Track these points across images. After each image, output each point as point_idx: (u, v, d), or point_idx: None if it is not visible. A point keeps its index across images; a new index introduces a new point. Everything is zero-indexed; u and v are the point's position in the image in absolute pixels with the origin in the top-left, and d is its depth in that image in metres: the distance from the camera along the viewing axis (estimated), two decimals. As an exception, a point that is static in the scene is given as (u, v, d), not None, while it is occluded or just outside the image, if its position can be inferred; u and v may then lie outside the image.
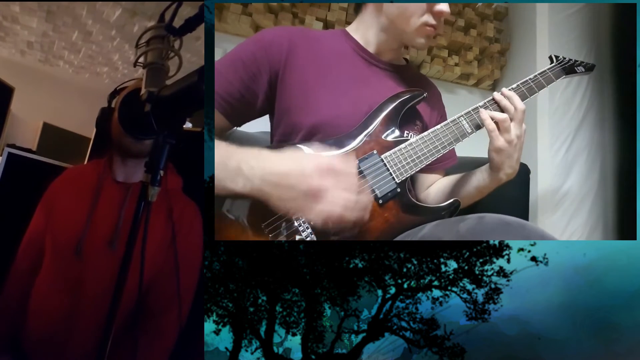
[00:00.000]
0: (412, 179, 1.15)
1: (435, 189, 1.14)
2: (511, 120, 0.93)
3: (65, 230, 0.96)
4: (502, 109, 0.95)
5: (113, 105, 1.02)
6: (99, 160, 1.07)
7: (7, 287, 1.00)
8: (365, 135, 0.94)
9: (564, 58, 1.13)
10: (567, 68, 1.12)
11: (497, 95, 0.97)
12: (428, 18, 0.98)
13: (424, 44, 1.02)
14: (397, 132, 0.96)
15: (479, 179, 1.02)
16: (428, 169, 1.02)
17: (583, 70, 1.15)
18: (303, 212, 0.74)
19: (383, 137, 0.95)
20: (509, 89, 1.01)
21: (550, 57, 1.13)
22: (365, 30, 1.07)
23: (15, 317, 0.98)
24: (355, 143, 0.93)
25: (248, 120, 1.03)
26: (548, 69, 1.09)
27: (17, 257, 1.02)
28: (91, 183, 1.00)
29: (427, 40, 1.02)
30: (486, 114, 0.94)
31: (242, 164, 0.78)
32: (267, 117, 1.07)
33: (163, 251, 0.97)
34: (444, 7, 0.97)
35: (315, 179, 0.72)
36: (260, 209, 0.83)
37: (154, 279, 0.96)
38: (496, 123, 0.93)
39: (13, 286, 1.00)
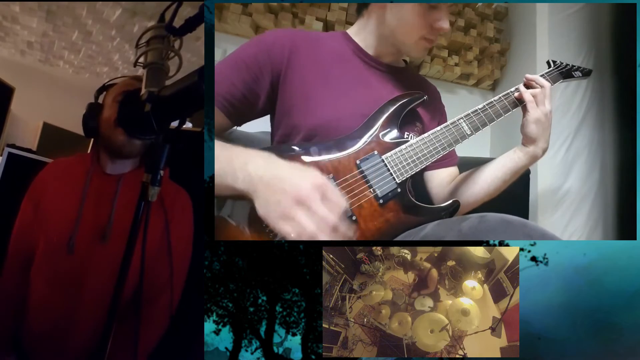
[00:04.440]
0: (427, 177, 1.16)
1: (464, 180, 1.11)
2: None
3: (56, 225, 0.94)
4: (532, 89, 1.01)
5: (100, 101, 1.00)
6: (84, 154, 1.05)
7: (3, 284, 1.00)
8: (367, 137, 0.94)
9: (562, 63, 1.14)
10: (565, 73, 1.12)
11: (524, 82, 1.04)
12: (427, 33, 1.00)
13: (420, 57, 1.06)
14: (397, 134, 0.97)
15: (514, 159, 1.03)
16: (440, 163, 1.05)
17: (580, 75, 1.15)
18: (277, 220, 0.71)
19: (383, 138, 0.95)
20: (509, 91, 1.03)
21: (548, 62, 1.14)
22: (366, 35, 1.07)
23: (14, 315, 0.98)
24: (357, 145, 0.93)
25: (249, 120, 1.03)
26: (546, 73, 1.10)
27: (9, 254, 1.01)
28: (79, 176, 0.98)
29: (423, 53, 1.05)
30: (524, 88, 1.01)
31: (250, 162, 0.78)
32: (267, 117, 1.08)
33: (157, 240, 0.97)
34: (444, 24, 0.99)
35: (307, 190, 0.72)
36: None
37: (147, 267, 0.97)
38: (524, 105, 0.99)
39: (8, 283, 1.00)
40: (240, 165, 0.78)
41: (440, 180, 1.15)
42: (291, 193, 0.71)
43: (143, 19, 2.70)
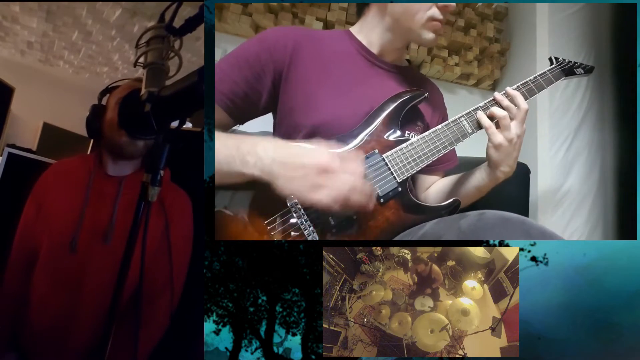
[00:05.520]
0: (412, 180, 1.15)
1: (435, 189, 1.14)
2: (512, 119, 0.93)
3: (59, 225, 0.96)
4: (504, 108, 0.95)
5: (104, 103, 1.03)
6: (86, 155, 1.06)
7: (5, 284, 1.00)
8: (366, 135, 0.94)
9: (564, 60, 1.13)
10: (567, 70, 1.12)
11: (498, 95, 0.98)
12: (434, 12, 0.98)
13: (432, 39, 1.01)
14: (398, 132, 0.96)
15: (478, 178, 1.03)
16: (428, 170, 1.02)
17: (582, 72, 1.15)
18: (309, 192, 0.74)
19: (384, 136, 0.95)
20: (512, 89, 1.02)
21: (550, 59, 1.13)
22: (368, 31, 1.07)
23: (15, 314, 0.98)
24: (356, 142, 0.93)
25: (251, 118, 1.03)
26: (548, 70, 1.09)
27: (12, 254, 1.02)
28: (82, 177, 1.00)
29: (435, 35, 1.01)
30: (482, 113, 0.95)
31: (257, 145, 0.79)
32: (268, 116, 1.08)
33: (156, 240, 0.99)
34: (450, 1, 0.97)
35: (326, 158, 0.75)
36: (260, 204, 0.84)
37: (148, 267, 0.97)
38: (496, 121, 0.93)
39: (11, 282, 1.00)
40: (249, 149, 0.79)
41: (420, 185, 1.17)
42: (313, 165, 0.74)
43: (143, 19, 2.70)
